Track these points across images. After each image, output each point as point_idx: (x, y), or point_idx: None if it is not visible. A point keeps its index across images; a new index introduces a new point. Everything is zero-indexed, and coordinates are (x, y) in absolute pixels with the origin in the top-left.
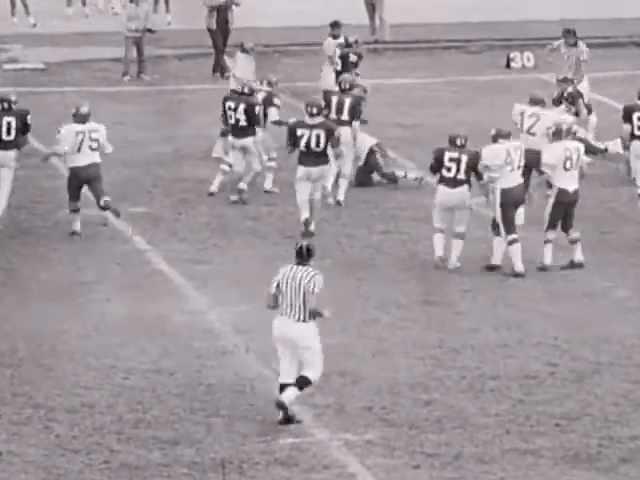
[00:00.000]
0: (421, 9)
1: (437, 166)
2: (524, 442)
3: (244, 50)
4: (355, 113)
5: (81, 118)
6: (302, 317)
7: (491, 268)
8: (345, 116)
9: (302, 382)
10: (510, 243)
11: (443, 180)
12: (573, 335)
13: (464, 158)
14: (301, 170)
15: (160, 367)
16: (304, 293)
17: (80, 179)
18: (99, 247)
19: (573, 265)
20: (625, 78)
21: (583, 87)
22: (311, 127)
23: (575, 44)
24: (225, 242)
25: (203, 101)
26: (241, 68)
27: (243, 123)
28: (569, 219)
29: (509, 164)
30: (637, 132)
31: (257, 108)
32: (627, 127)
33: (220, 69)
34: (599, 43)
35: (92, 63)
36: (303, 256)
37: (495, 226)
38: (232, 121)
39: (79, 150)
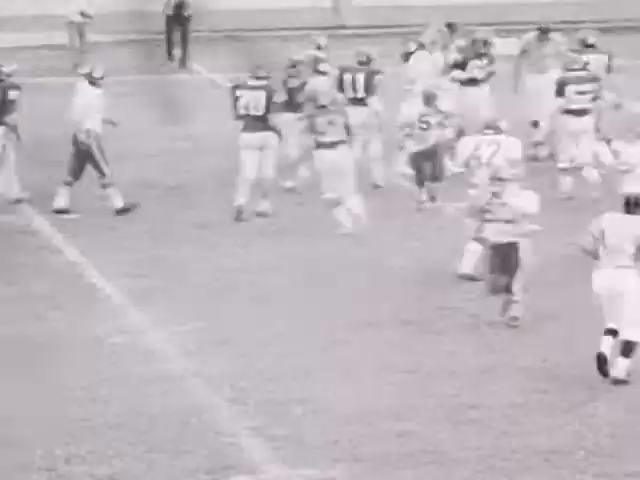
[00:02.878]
0: None
1: (310, 128)
2: (509, 479)
3: (420, 45)
4: (371, 89)
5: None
6: (627, 264)
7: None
8: (361, 93)
9: (627, 349)
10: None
11: (321, 145)
12: (564, 358)
13: (339, 120)
14: (242, 137)
15: (95, 395)
16: (634, 240)
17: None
18: (25, 259)
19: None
20: None
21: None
22: (252, 88)
23: (548, 39)
24: (169, 253)
25: (145, 94)
26: (412, 66)
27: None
28: None
29: (474, 158)
30: (572, 106)
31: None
32: (561, 101)
33: (169, 57)
34: (631, 27)
35: (40, 50)
36: (632, 206)
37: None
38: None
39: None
